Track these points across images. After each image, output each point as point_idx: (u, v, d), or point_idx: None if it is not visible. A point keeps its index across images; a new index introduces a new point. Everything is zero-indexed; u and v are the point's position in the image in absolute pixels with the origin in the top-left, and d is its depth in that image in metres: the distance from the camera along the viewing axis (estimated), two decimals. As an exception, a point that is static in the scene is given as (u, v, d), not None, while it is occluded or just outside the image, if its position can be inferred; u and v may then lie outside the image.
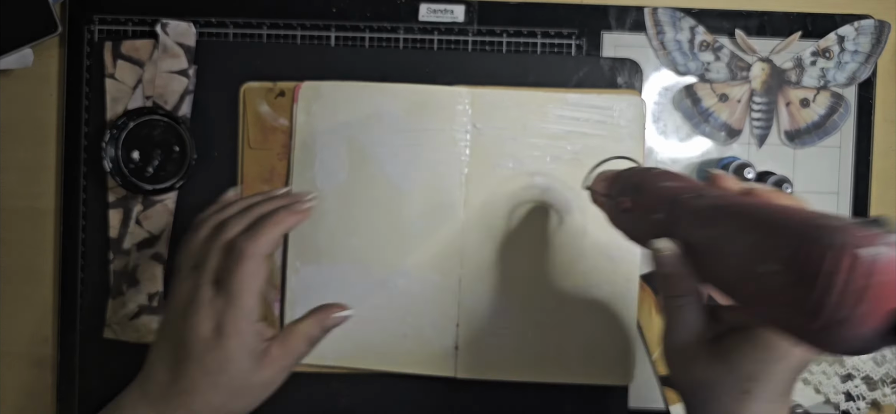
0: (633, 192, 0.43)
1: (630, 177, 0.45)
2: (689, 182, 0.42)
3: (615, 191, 0.45)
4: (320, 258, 0.59)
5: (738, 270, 0.33)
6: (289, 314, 0.59)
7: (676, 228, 0.39)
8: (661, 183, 0.42)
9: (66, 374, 0.62)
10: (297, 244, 0.59)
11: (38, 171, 0.62)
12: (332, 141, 0.59)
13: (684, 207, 0.39)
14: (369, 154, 0.59)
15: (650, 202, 0.41)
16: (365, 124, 0.59)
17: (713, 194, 0.38)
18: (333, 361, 0.59)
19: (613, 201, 0.45)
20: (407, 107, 0.58)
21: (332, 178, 0.59)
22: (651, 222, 0.41)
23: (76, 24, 0.61)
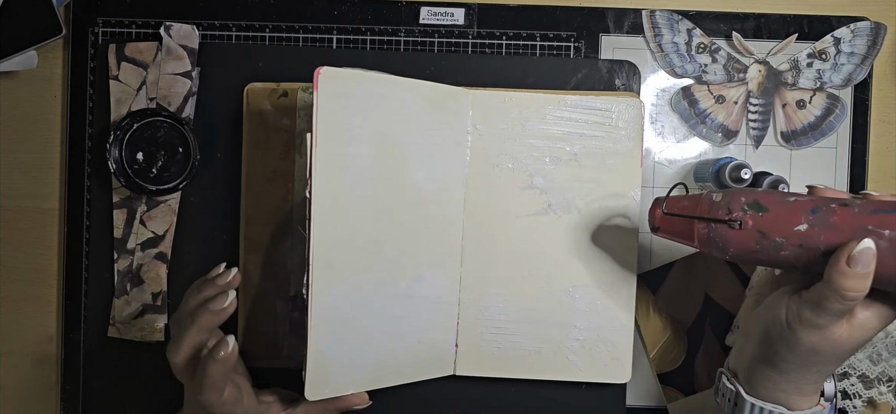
0: (752, 209, 0.45)
1: (735, 198, 0.47)
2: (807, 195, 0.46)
3: (719, 214, 0.47)
4: (347, 270, 0.53)
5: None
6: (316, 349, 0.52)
7: (837, 233, 0.43)
8: (786, 199, 0.45)
9: (70, 372, 0.63)
10: (322, 257, 0.52)
11: (43, 171, 0.63)
12: (360, 139, 0.53)
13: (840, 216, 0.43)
14: (395, 153, 0.55)
15: (784, 216, 0.44)
16: (392, 121, 0.54)
17: (858, 200, 0.44)
18: (356, 387, 0.55)
19: (722, 223, 0.46)
20: (423, 104, 0.56)
21: (356, 178, 0.53)
22: (791, 233, 0.44)
23: (80, 27, 0.62)
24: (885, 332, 0.63)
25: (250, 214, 0.61)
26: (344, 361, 0.54)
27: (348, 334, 0.54)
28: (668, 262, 0.63)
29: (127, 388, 0.62)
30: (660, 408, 0.63)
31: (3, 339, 0.63)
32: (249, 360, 0.61)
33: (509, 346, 0.60)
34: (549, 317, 0.60)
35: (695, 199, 0.49)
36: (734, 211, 0.46)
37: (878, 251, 0.41)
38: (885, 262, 0.41)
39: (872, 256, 0.41)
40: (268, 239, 0.61)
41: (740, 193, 0.47)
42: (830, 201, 0.44)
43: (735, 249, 0.46)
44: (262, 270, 0.61)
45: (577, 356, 0.60)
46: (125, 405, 0.62)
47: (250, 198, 0.61)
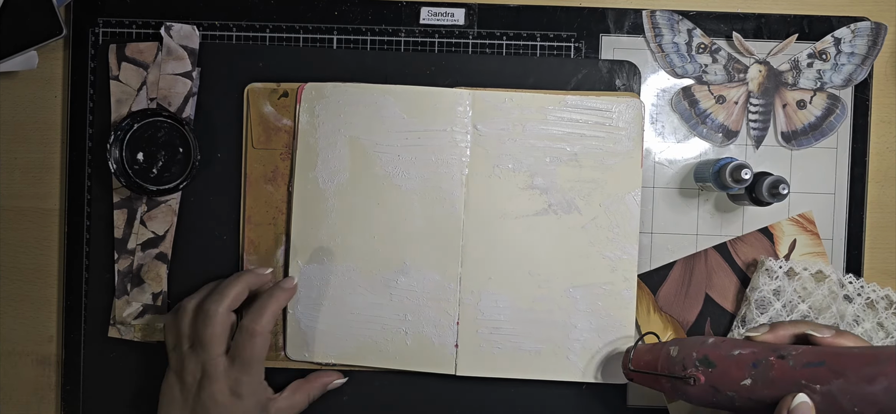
0: (703, 365, 0.48)
1: (687, 352, 0.49)
2: (749, 344, 0.48)
3: (675, 370, 0.50)
4: (322, 258, 0.60)
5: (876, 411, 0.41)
6: (292, 312, 0.60)
7: (776, 387, 0.45)
8: (731, 352, 0.48)
9: (70, 373, 0.63)
10: (299, 244, 0.60)
11: (44, 172, 0.63)
12: (335, 141, 0.59)
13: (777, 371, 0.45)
14: (372, 154, 0.59)
15: (730, 371, 0.47)
16: (368, 125, 0.59)
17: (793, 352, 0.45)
18: (336, 358, 0.60)
19: (680, 379, 0.49)
20: (409, 108, 0.59)
21: (335, 178, 0.59)
22: (738, 388, 0.46)
23: (81, 27, 0.62)
24: (885, 332, 0.63)
25: (251, 214, 0.61)
26: (323, 330, 0.60)
27: (325, 308, 0.60)
28: (668, 262, 0.63)
29: (127, 388, 0.62)
30: (660, 408, 0.63)
31: (3, 339, 0.64)
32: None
33: (509, 346, 0.60)
34: (549, 317, 0.60)
35: (657, 351, 0.52)
36: (688, 367, 0.49)
37: (816, 405, 0.43)
38: (821, 412, 0.43)
39: (809, 409, 0.43)
40: (268, 240, 0.61)
41: (692, 348, 0.49)
42: (770, 352, 0.46)
43: (697, 401, 0.49)
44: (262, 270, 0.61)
45: (577, 357, 0.60)
46: (125, 405, 0.62)
47: (251, 198, 0.61)
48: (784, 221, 0.63)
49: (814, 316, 0.61)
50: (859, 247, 0.63)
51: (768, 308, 0.61)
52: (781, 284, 0.61)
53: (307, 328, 0.60)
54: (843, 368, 0.43)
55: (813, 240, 0.63)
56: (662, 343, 0.53)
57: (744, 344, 0.48)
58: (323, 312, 0.60)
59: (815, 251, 0.63)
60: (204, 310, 0.55)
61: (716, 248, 0.63)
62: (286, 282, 0.58)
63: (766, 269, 0.61)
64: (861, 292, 0.63)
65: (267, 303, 0.56)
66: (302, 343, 0.60)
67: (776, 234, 0.63)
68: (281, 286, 0.58)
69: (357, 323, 0.60)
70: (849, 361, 0.43)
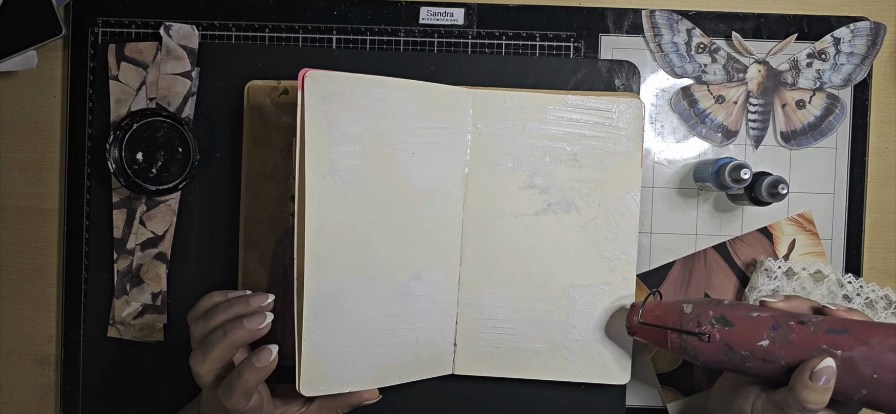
0: (719, 323, 0.50)
1: (703, 311, 0.51)
2: (768, 309, 0.50)
3: (690, 325, 0.51)
4: (342, 272, 0.54)
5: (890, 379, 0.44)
6: (307, 340, 0.53)
7: (795, 350, 0.47)
8: (750, 314, 0.50)
9: (70, 372, 0.63)
10: (316, 258, 0.53)
11: (43, 171, 0.63)
12: (350, 139, 0.54)
13: (798, 334, 0.47)
14: (389, 153, 0.56)
15: (748, 332, 0.49)
16: (383, 122, 0.55)
17: (814, 319, 0.48)
18: (353, 385, 0.55)
19: (692, 335, 0.51)
20: (420, 104, 0.57)
21: (351, 181, 0.54)
22: (755, 348, 0.48)
23: (80, 27, 0.62)
24: (884, 332, 0.63)
25: (250, 212, 0.61)
26: (340, 357, 0.54)
27: (343, 330, 0.54)
28: (667, 262, 0.63)
29: (127, 388, 0.62)
30: (660, 408, 0.63)
31: (3, 339, 0.64)
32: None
33: (508, 345, 0.60)
34: (548, 317, 0.60)
35: (668, 307, 0.53)
36: (703, 324, 0.50)
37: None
38: (838, 378, 0.46)
39: (833, 373, 0.45)
40: (268, 237, 0.61)
41: (708, 306, 0.51)
42: (790, 318, 0.48)
43: (705, 359, 0.51)
44: (262, 269, 0.61)
45: (576, 357, 0.60)
46: (125, 405, 0.62)
47: (250, 195, 0.61)
48: (783, 220, 0.64)
49: (813, 316, 0.61)
50: (858, 247, 0.63)
51: (767, 308, 0.61)
52: (780, 284, 0.61)
53: (325, 357, 0.53)
54: (867, 336, 0.45)
55: (812, 240, 0.63)
56: (674, 301, 0.54)
57: (761, 308, 0.50)
58: (341, 335, 0.54)
59: (814, 251, 0.63)
60: (191, 366, 0.53)
61: (715, 248, 0.63)
62: (260, 357, 0.50)
63: (766, 269, 0.61)
64: (860, 292, 0.63)
65: (235, 382, 0.50)
66: (319, 375, 0.53)
67: (775, 233, 0.63)
68: (252, 363, 0.50)
69: (376, 340, 0.56)
70: (874, 331, 0.45)
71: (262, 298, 0.54)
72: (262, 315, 0.52)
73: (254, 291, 0.55)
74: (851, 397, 0.46)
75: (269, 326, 0.52)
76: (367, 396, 0.56)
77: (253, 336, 0.51)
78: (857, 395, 0.46)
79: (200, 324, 0.53)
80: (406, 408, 0.62)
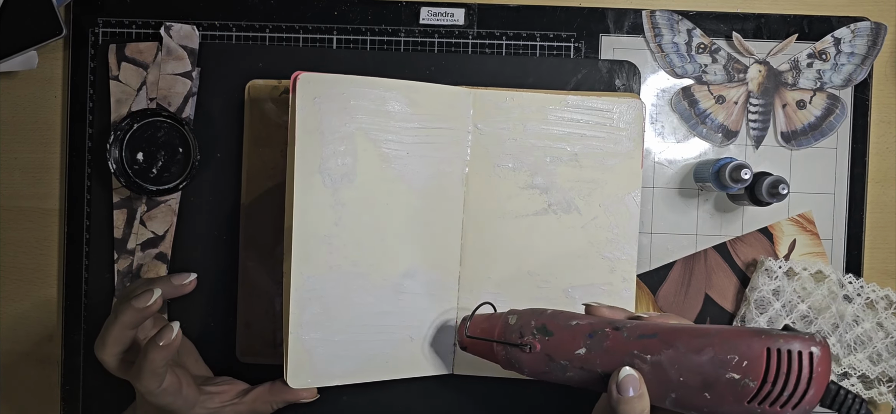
0: (540, 333, 0.49)
1: (525, 321, 0.50)
2: (588, 316, 0.49)
3: (512, 338, 0.50)
4: (329, 267, 0.55)
5: (695, 383, 0.43)
6: (294, 333, 0.54)
7: (610, 357, 0.46)
8: (569, 322, 0.49)
9: (70, 372, 0.63)
10: (303, 253, 0.54)
11: (43, 172, 0.63)
12: (342, 138, 0.55)
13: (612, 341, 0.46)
14: (382, 153, 0.56)
15: (566, 341, 0.48)
16: (376, 121, 0.56)
17: (628, 325, 0.47)
18: (341, 378, 0.56)
19: (515, 347, 0.50)
20: (415, 104, 0.57)
21: (342, 179, 0.55)
22: (573, 357, 0.47)
23: (81, 27, 0.62)
24: (885, 332, 0.63)
25: (250, 210, 0.61)
26: (327, 350, 0.55)
27: (330, 324, 0.55)
28: (667, 262, 0.63)
29: (127, 388, 0.62)
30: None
31: (4, 339, 0.64)
32: (249, 357, 0.62)
33: (509, 346, 0.60)
34: (548, 317, 0.59)
35: (495, 319, 0.52)
36: (525, 335, 0.49)
37: (643, 375, 0.45)
38: (649, 383, 0.45)
39: (636, 380, 0.44)
40: (267, 236, 0.61)
41: (531, 316, 0.50)
42: (606, 324, 0.47)
43: (529, 370, 0.50)
44: (261, 268, 0.61)
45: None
46: (125, 405, 0.62)
47: (250, 194, 0.61)
48: (784, 220, 0.63)
49: (813, 316, 0.61)
50: (859, 247, 0.63)
51: (768, 308, 0.61)
52: (781, 284, 0.61)
53: (311, 350, 0.54)
54: (673, 340, 0.44)
55: (813, 240, 0.63)
56: (501, 312, 0.53)
57: (582, 316, 0.49)
58: (329, 328, 0.55)
59: (814, 251, 0.63)
60: (95, 354, 0.52)
61: (715, 248, 0.63)
62: (162, 335, 0.50)
63: (766, 269, 0.61)
64: (861, 292, 0.63)
65: (142, 364, 0.50)
66: (306, 368, 0.54)
67: (776, 234, 0.63)
68: (155, 342, 0.49)
69: (365, 335, 0.57)
70: (680, 334, 0.45)
71: (184, 276, 0.55)
72: (149, 293, 0.51)
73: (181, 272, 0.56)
74: (663, 402, 0.45)
75: (159, 302, 0.51)
76: (305, 395, 0.56)
77: (143, 314, 0.50)
78: (667, 399, 0.45)
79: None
80: (406, 408, 0.62)
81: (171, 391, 0.52)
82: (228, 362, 0.62)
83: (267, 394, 0.57)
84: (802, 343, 0.41)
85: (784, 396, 0.41)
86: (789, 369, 0.41)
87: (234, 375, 0.60)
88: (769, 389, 0.41)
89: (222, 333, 0.62)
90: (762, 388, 0.41)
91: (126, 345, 0.52)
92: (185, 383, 0.53)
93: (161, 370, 0.50)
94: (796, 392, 0.41)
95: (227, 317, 0.62)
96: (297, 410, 0.59)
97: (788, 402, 0.41)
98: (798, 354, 0.41)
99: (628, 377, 0.44)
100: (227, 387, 0.57)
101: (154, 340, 0.50)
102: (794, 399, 0.41)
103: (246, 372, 0.60)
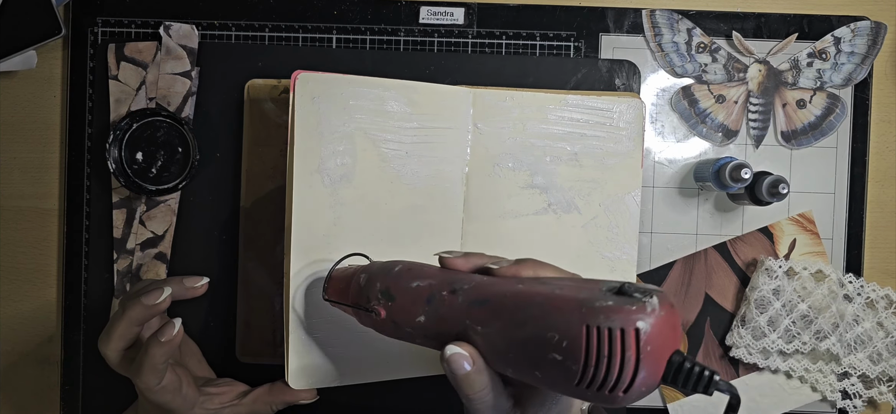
0: (384, 298, 0.42)
1: (372, 283, 0.43)
2: (434, 273, 0.42)
3: (362, 301, 0.44)
4: (325, 263, 0.55)
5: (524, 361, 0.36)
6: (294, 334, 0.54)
7: (446, 326, 0.39)
8: (410, 284, 0.41)
9: (70, 372, 0.63)
10: (302, 253, 0.54)
11: (43, 171, 0.63)
12: (340, 138, 0.54)
13: (448, 307, 0.39)
14: (381, 153, 0.56)
15: (407, 306, 0.41)
16: (375, 121, 0.56)
17: (466, 286, 0.39)
18: (342, 379, 0.56)
19: (364, 311, 0.43)
20: (414, 104, 0.57)
21: (340, 178, 0.55)
22: (414, 325, 0.41)
23: (80, 27, 0.62)
24: (885, 332, 0.63)
25: (250, 210, 0.61)
26: (328, 350, 0.55)
27: (330, 325, 0.54)
28: (667, 261, 0.63)
29: (127, 388, 0.62)
30: (660, 408, 0.63)
31: (3, 339, 0.64)
32: (248, 357, 0.62)
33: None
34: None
35: (349, 278, 0.46)
36: (371, 299, 0.43)
37: (478, 347, 0.38)
38: (487, 356, 0.38)
39: (461, 358, 0.38)
40: (267, 235, 0.61)
41: (377, 278, 0.43)
42: (445, 286, 0.40)
43: (384, 333, 0.44)
44: (261, 268, 0.61)
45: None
46: (125, 406, 0.62)
47: (250, 194, 0.61)
48: (784, 220, 0.63)
49: (813, 316, 0.61)
50: (859, 246, 0.63)
51: (768, 307, 0.61)
52: (781, 284, 0.61)
53: (312, 350, 0.54)
54: (501, 309, 0.37)
55: (813, 239, 0.63)
56: (356, 269, 0.46)
57: (427, 273, 0.42)
58: (329, 329, 0.54)
59: (814, 251, 0.63)
60: (98, 348, 0.52)
61: (715, 247, 0.63)
62: (164, 331, 0.50)
63: (766, 268, 0.61)
64: (861, 292, 0.63)
65: (143, 359, 0.50)
66: (306, 368, 0.54)
67: (776, 233, 0.63)
68: (157, 338, 0.50)
69: (365, 335, 0.55)
70: (507, 302, 0.37)
71: (196, 279, 0.55)
72: (160, 290, 0.51)
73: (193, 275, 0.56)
74: (506, 373, 0.38)
75: (168, 301, 0.52)
76: (305, 396, 0.56)
77: (151, 311, 0.51)
78: (508, 372, 0.38)
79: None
80: (406, 408, 0.62)
81: (171, 389, 0.52)
82: (228, 362, 0.62)
83: (266, 395, 0.57)
84: (626, 317, 0.33)
85: (610, 381, 0.33)
86: (611, 350, 0.33)
87: (234, 375, 0.60)
88: (592, 374, 0.33)
89: (222, 333, 0.62)
90: (585, 372, 0.34)
91: (130, 341, 0.52)
92: (186, 383, 0.53)
93: (161, 366, 0.50)
94: (623, 376, 0.33)
95: (227, 317, 0.62)
96: (297, 410, 0.59)
97: (617, 386, 0.33)
98: (621, 333, 0.33)
99: (454, 355, 0.38)
100: (227, 388, 0.57)
101: (155, 335, 0.50)
102: (623, 384, 0.33)
103: (245, 372, 0.60)
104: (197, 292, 0.56)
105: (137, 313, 0.51)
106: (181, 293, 0.55)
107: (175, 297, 0.53)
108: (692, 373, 0.33)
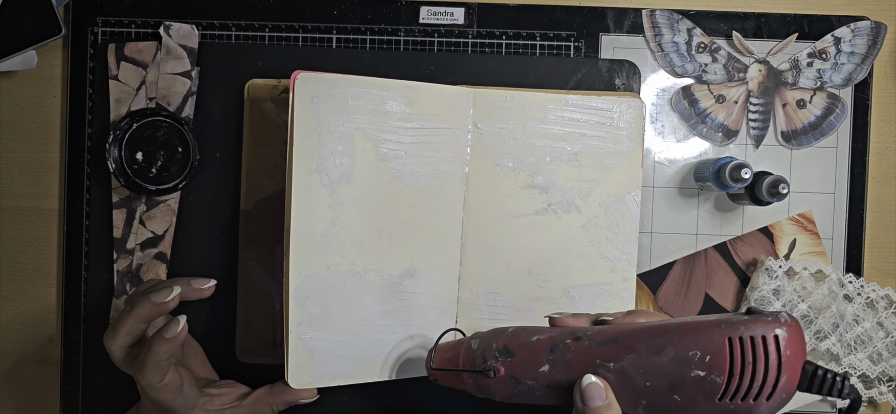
0: (502, 355, 0.46)
1: (487, 344, 0.47)
2: (550, 329, 0.46)
3: (477, 363, 0.47)
4: (327, 266, 0.55)
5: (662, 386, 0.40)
6: (294, 333, 0.54)
7: (573, 370, 0.43)
8: (529, 339, 0.45)
9: (70, 373, 0.63)
10: (301, 252, 0.54)
11: (43, 171, 0.63)
12: (339, 138, 0.54)
13: (574, 352, 0.43)
14: (380, 153, 0.56)
15: (529, 359, 0.45)
16: (373, 121, 0.56)
17: (589, 333, 0.44)
18: (342, 378, 0.56)
19: (479, 373, 0.47)
20: (413, 104, 0.57)
21: (339, 178, 0.55)
22: (538, 375, 0.44)
23: (80, 26, 0.62)
24: (885, 332, 0.63)
25: (250, 210, 0.61)
26: (328, 350, 0.55)
27: (330, 324, 0.55)
28: (667, 261, 0.63)
29: (127, 388, 0.62)
30: None
31: (3, 339, 0.64)
32: (248, 357, 0.62)
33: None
34: (548, 317, 0.59)
35: (459, 346, 0.49)
36: (488, 359, 0.46)
37: (610, 383, 0.42)
38: (616, 392, 0.42)
39: (599, 389, 0.41)
40: (267, 236, 0.61)
41: (493, 338, 0.47)
42: (567, 335, 0.44)
43: (499, 396, 0.47)
44: (261, 268, 0.61)
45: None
46: (125, 405, 0.62)
47: (250, 193, 0.61)
48: (784, 220, 0.63)
49: (813, 316, 0.61)
50: (859, 246, 0.63)
51: (768, 307, 0.61)
52: (781, 284, 0.61)
53: (312, 350, 0.54)
54: (634, 343, 0.41)
55: (813, 239, 0.63)
56: (464, 337, 0.50)
57: (543, 330, 0.46)
58: (328, 328, 0.55)
59: (814, 251, 0.63)
60: (104, 343, 0.53)
61: (716, 247, 0.63)
62: (169, 328, 0.50)
63: (766, 268, 0.61)
64: (861, 292, 0.63)
65: (146, 356, 0.50)
66: (306, 368, 0.54)
67: (776, 233, 0.63)
68: (161, 335, 0.50)
69: (365, 335, 0.56)
70: (639, 336, 0.41)
71: (204, 281, 0.56)
72: (169, 289, 0.52)
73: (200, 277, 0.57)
74: (636, 409, 0.42)
75: (177, 300, 0.52)
76: (305, 395, 0.56)
77: (159, 309, 0.51)
78: (639, 406, 0.42)
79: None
80: (405, 408, 0.62)
81: (172, 388, 0.52)
82: (228, 363, 0.62)
83: (267, 396, 0.57)
84: (765, 326, 0.37)
85: (755, 388, 0.37)
86: (755, 358, 0.37)
87: (234, 376, 0.60)
88: (737, 383, 0.38)
89: (222, 333, 0.62)
90: (730, 382, 0.38)
91: (136, 337, 0.52)
92: (187, 382, 0.53)
93: (164, 364, 0.50)
94: (767, 381, 0.37)
95: (227, 317, 0.62)
96: (297, 410, 0.59)
97: (761, 393, 0.38)
98: (762, 340, 0.37)
99: (591, 385, 0.41)
100: (228, 390, 0.57)
101: (160, 332, 0.50)
102: (767, 389, 0.37)
103: (245, 372, 0.60)
104: (204, 294, 0.56)
105: (146, 310, 0.51)
106: (189, 294, 0.55)
107: (183, 297, 0.54)
108: (826, 378, 0.38)
